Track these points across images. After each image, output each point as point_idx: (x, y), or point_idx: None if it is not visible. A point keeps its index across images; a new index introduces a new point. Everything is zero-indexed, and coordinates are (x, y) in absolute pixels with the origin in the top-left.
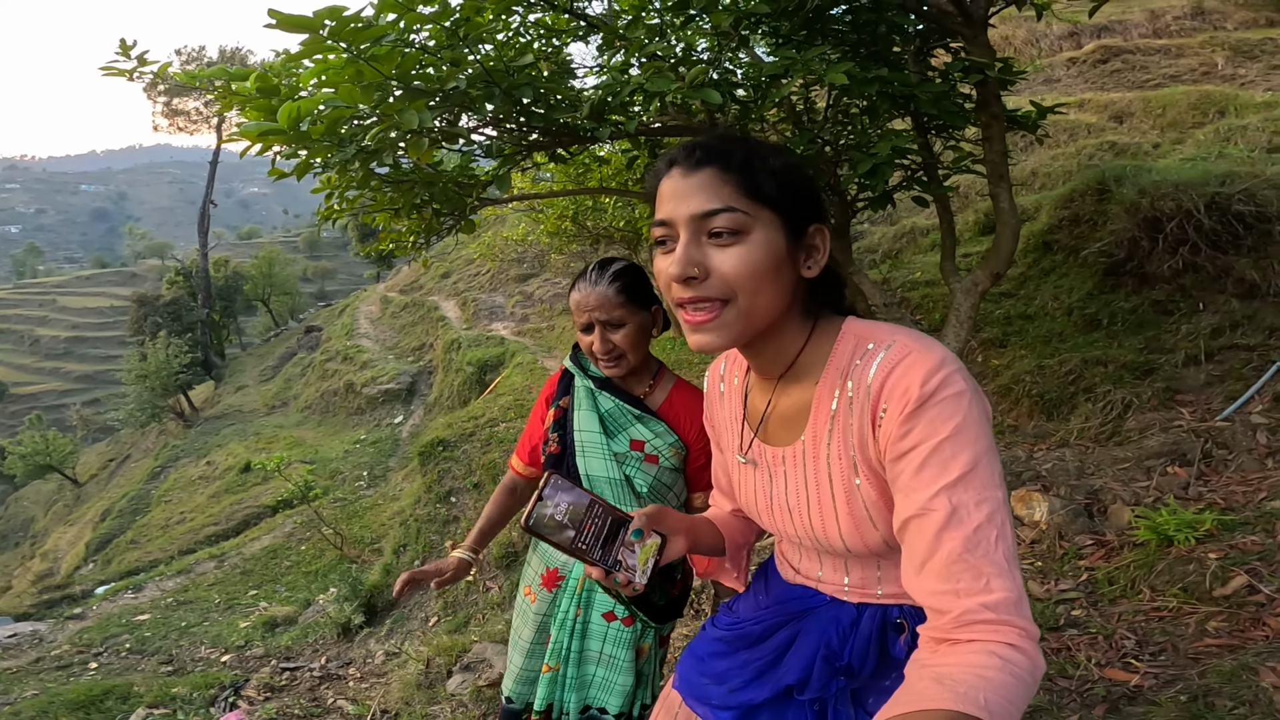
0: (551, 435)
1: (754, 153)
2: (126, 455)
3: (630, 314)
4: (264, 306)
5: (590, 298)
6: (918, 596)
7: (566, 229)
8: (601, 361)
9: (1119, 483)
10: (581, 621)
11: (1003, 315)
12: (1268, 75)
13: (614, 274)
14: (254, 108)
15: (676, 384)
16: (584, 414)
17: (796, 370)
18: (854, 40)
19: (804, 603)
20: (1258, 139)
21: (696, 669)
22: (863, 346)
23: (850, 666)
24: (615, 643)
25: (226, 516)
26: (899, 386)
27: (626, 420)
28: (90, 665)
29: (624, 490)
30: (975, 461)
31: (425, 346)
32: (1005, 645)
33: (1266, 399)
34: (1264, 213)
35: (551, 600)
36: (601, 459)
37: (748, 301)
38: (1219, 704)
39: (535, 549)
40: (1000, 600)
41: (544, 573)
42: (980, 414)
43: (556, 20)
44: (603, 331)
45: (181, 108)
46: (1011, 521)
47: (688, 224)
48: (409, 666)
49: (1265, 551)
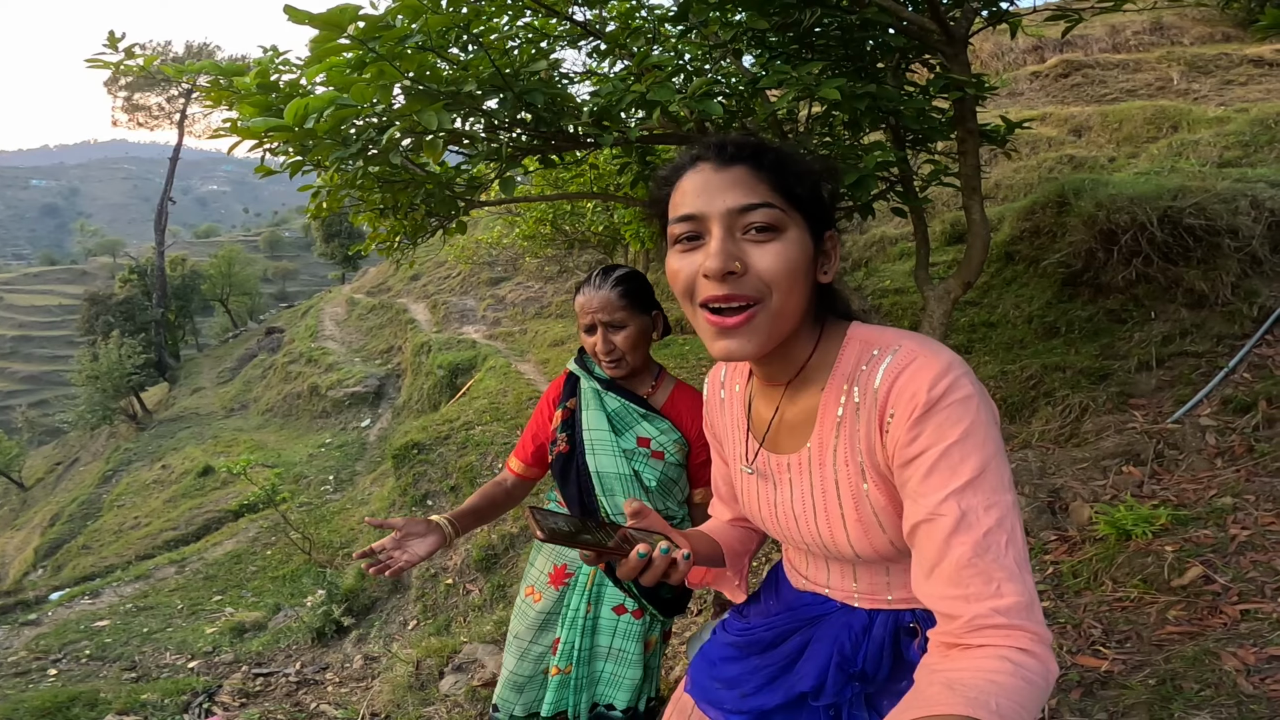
0: (560, 435)
1: (784, 154)
2: (75, 458)
3: (631, 316)
4: (222, 307)
5: (594, 300)
6: (927, 602)
7: (544, 233)
8: (603, 361)
9: (1078, 481)
10: (592, 618)
11: (967, 323)
12: (1220, 90)
13: (617, 279)
14: (251, 104)
15: (677, 385)
16: (592, 413)
17: (803, 376)
18: (839, 55)
19: (815, 609)
20: (1209, 153)
21: (709, 673)
22: (868, 352)
23: (864, 672)
24: (625, 636)
25: (186, 521)
26: (906, 391)
27: (633, 419)
28: (50, 672)
29: (633, 485)
30: (984, 465)
31: (393, 349)
32: (1017, 650)
33: (1214, 403)
34: (1213, 226)
35: (559, 598)
36: (611, 455)
37: (780, 301)
38: (1186, 687)
39: (539, 549)
40: (1011, 604)
41: (551, 571)
42: (988, 418)
43: (546, 25)
44: (605, 333)
45: (143, 103)
46: (1022, 525)
47: (723, 218)
48: (397, 669)
49: (1218, 544)
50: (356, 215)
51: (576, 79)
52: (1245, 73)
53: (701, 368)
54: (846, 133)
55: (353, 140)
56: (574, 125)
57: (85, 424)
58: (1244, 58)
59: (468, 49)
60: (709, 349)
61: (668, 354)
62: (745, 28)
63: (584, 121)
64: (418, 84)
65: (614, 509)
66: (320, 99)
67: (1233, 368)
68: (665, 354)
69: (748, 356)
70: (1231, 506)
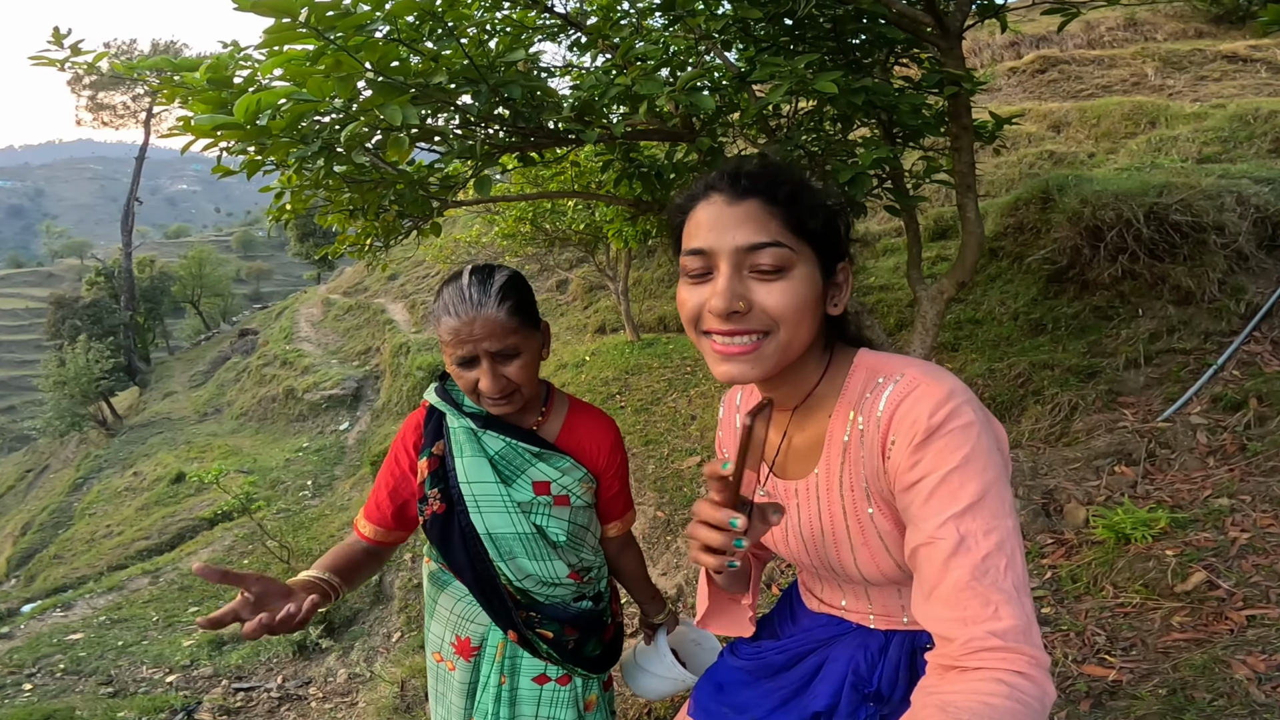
0: (430, 491)
1: (800, 185)
2: (45, 465)
3: (525, 339)
4: (193, 308)
5: (476, 325)
6: (926, 624)
7: (524, 231)
8: (493, 402)
9: (1071, 482)
10: (509, 689)
11: (953, 320)
12: (1195, 86)
13: (501, 290)
14: (203, 100)
15: (570, 407)
16: (469, 461)
17: (811, 403)
18: (830, 48)
19: (830, 630)
20: (1188, 149)
21: (716, 698)
22: (874, 379)
23: (879, 692)
24: (553, 704)
25: (159, 530)
26: (908, 418)
27: (523, 461)
28: (24, 687)
29: (538, 544)
30: (984, 491)
31: (371, 350)
32: (1013, 673)
33: (1204, 400)
34: (1199, 223)
35: (472, 668)
36: (503, 513)
37: (788, 335)
38: (1198, 697)
39: (433, 615)
40: (1009, 628)
41: (454, 641)
42: (990, 444)
43: (524, 17)
44: (492, 366)
45: (107, 102)
46: (1023, 550)
47: (731, 256)
48: (381, 689)
49: (1219, 548)
50: (324, 217)
51: (556, 73)
52: (1219, 68)
53: (686, 368)
54: (834, 128)
55: (313, 138)
56: (555, 121)
57: (54, 431)
58: (1217, 53)
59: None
60: (713, 371)
61: (651, 353)
62: (733, 19)
63: (565, 117)
64: (381, 76)
65: (517, 574)
66: (273, 94)
67: (1221, 365)
68: (649, 353)
69: (750, 380)
70: (1229, 508)
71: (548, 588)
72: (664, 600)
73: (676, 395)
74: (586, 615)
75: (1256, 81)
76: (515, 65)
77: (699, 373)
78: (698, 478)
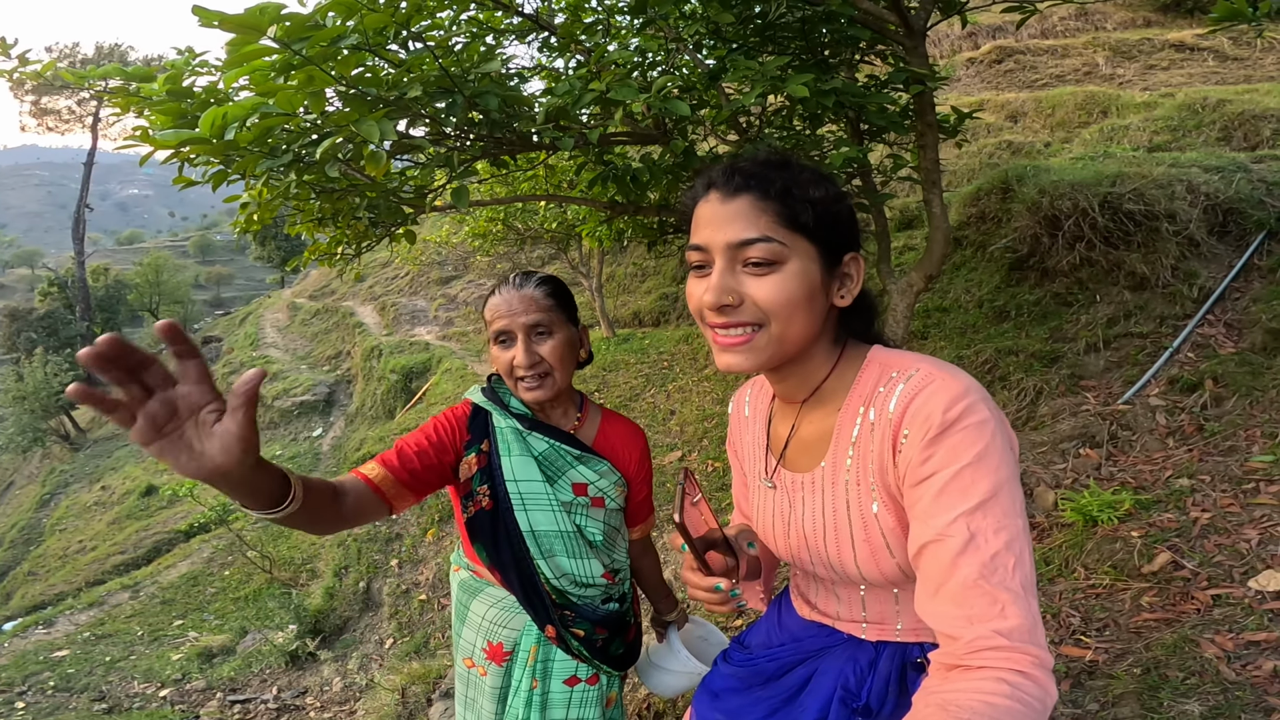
0: (479, 488)
1: (794, 180)
2: (10, 482)
3: (558, 321)
4: (153, 317)
5: (513, 300)
6: (930, 621)
7: (495, 231)
8: (524, 381)
9: (1040, 466)
10: (540, 693)
11: (922, 309)
12: (1144, 75)
13: (540, 279)
14: (162, 111)
15: (605, 416)
16: (517, 460)
17: (820, 396)
18: (797, 48)
19: (820, 641)
20: (1139, 138)
21: (711, 705)
22: (887, 374)
23: (869, 707)
24: (583, 704)
25: (134, 544)
26: (921, 413)
27: (565, 463)
28: (16, 705)
29: (577, 542)
30: (996, 489)
31: (342, 355)
32: (1015, 672)
33: (1162, 383)
34: (1151, 211)
35: (504, 673)
36: (549, 511)
37: (780, 328)
38: (1171, 675)
39: (464, 621)
40: (1014, 627)
41: (485, 647)
42: (1004, 443)
43: (491, 19)
44: (527, 341)
45: (51, 106)
46: (1031, 550)
47: (724, 251)
48: (381, 696)
49: (1181, 528)
50: (293, 226)
51: (528, 75)
52: (1167, 57)
53: (663, 363)
54: (803, 125)
55: (282, 150)
56: (530, 127)
57: (16, 447)
58: (1165, 42)
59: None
60: (715, 361)
61: (628, 349)
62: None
63: (541, 125)
64: (353, 88)
65: (555, 571)
66: (240, 107)
67: (1177, 348)
68: (626, 349)
69: (746, 371)
70: (1189, 488)
71: (581, 588)
72: (676, 599)
73: (655, 391)
74: (614, 616)
75: (1204, 70)
76: (489, 75)
77: (676, 367)
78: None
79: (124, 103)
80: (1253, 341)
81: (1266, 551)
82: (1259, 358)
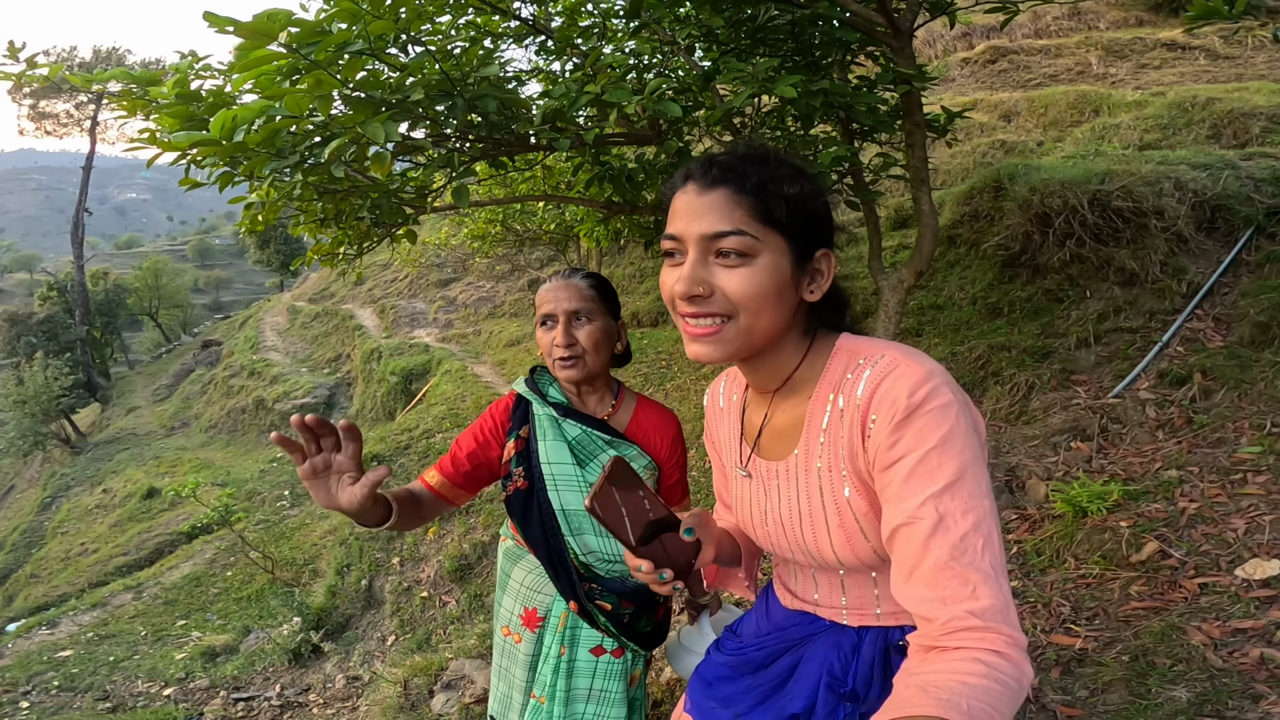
0: (516, 470)
1: (770, 176)
2: (11, 486)
3: (598, 309)
4: (151, 321)
5: (559, 288)
6: (906, 604)
7: (494, 232)
8: (560, 361)
9: (1032, 459)
10: (568, 660)
11: (916, 306)
12: (1136, 74)
13: (587, 274)
14: (172, 114)
15: (639, 403)
16: (551, 444)
17: (791, 385)
18: (789, 49)
19: (804, 629)
20: (1130, 136)
21: (705, 692)
22: (854, 361)
23: (855, 691)
24: (606, 676)
25: (136, 546)
26: (888, 398)
27: (597, 447)
28: (21, 705)
29: None
30: (962, 471)
31: (342, 357)
32: (990, 652)
33: (1151, 376)
34: (1140, 208)
35: (536, 639)
36: (577, 491)
37: (749, 321)
38: (1158, 662)
39: (505, 589)
40: (986, 607)
41: (522, 614)
42: (968, 425)
43: (489, 23)
44: (566, 324)
45: (49, 110)
46: (999, 530)
47: (697, 242)
48: (383, 689)
49: (1169, 518)
50: (296, 227)
51: (525, 78)
52: (1159, 56)
53: (661, 362)
54: (795, 125)
55: (289, 151)
56: (528, 129)
57: (17, 451)
58: (1157, 41)
59: (407, 50)
60: (686, 350)
61: None
62: (697, 24)
63: (539, 127)
64: (358, 92)
65: (582, 548)
66: (249, 109)
67: (1166, 342)
68: None
69: (715, 361)
70: (1178, 479)
71: (608, 563)
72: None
73: (653, 390)
74: (642, 590)
75: (1195, 68)
76: (488, 78)
77: (674, 367)
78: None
79: (131, 105)
80: (1241, 335)
81: (1253, 540)
82: (1247, 351)
